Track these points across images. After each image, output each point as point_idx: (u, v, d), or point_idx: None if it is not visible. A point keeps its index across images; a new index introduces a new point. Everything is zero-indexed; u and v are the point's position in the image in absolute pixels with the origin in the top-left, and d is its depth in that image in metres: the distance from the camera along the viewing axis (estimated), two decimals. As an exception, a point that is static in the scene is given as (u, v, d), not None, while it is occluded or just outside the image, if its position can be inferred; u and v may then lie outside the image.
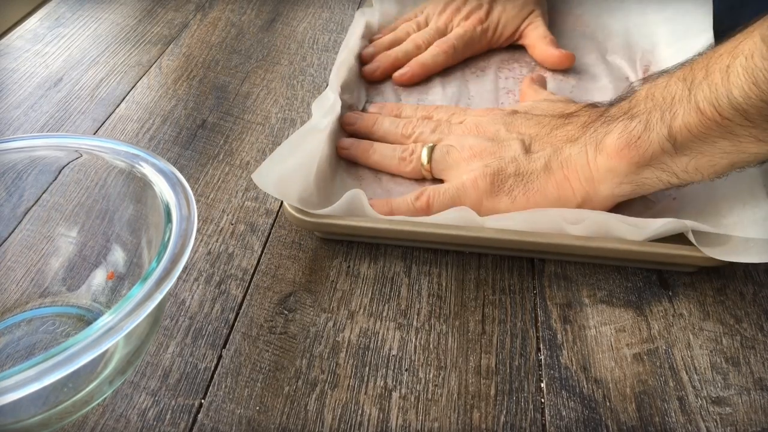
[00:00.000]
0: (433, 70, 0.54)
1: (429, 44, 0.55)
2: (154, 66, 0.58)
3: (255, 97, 0.54)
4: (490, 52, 0.58)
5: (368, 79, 0.54)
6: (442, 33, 0.56)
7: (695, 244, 0.36)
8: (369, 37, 0.58)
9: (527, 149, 0.41)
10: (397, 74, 0.53)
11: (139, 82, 0.56)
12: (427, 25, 0.58)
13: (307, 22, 0.64)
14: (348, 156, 0.45)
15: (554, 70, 0.55)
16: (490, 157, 0.41)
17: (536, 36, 0.56)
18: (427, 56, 0.54)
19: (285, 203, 0.39)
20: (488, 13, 0.57)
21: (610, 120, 0.38)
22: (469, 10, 0.57)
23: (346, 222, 0.39)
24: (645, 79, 0.39)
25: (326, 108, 0.46)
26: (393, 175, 0.45)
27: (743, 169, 0.35)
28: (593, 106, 0.42)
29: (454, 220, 0.38)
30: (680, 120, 0.34)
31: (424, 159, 0.43)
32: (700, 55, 0.35)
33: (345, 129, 0.47)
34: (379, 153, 0.45)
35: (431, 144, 0.43)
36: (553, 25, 0.60)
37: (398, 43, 0.56)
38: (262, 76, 0.57)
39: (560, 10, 0.62)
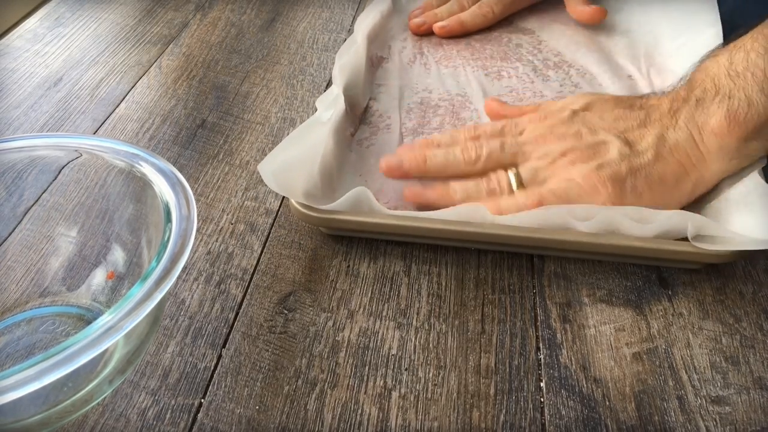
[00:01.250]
0: (470, 29, 0.59)
1: (474, 3, 0.59)
2: (154, 66, 0.58)
3: (255, 96, 0.54)
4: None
5: (414, 32, 0.59)
6: None
7: (690, 240, 0.37)
8: (374, 36, 0.58)
9: (629, 144, 0.40)
10: (437, 25, 0.58)
11: (139, 81, 0.56)
12: None
13: (307, 22, 0.64)
14: (423, 202, 0.41)
15: (587, 27, 0.59)
16: (591, 159, 0.40)
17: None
18: (467, 15, 0.58)
19: (290, 198, 0.39)
20: None
21: (703, 103, 0.40)
22: None
23: (354, 218, 0.39)
24: (708, 56, 0.41)
25: (329, 102, 0.46)
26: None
27: None
28: (651, 94, 0.44)
29: (464, 214, 0.38)
30: None
31: (514, 184, 0.40)
32: (764, 25, 0.38)
33: (389, 176, 0.43)
34: (462, 191, 0.41)
35: (513, 169, 0.41)
36: (554, 23, 0.60)
37: (445, 2, 0.61)
38: (261, 76, 0.57)
39: (563, 10, 0.62)
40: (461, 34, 0.59)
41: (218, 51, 0.60)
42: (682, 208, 0.39)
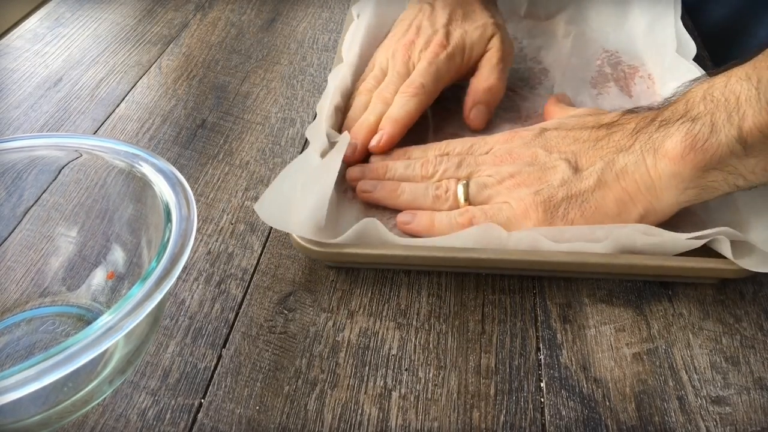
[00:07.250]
0: (410, 122, 0.45)
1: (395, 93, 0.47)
2: (154, 66, 0.58)
3: (255, 96, 0.54)
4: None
5: (350, 163, 0.44)
6: (407, 75, 0.47)
7: (730, 257, 0.35)
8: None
9: (575, 168, 0.38)
10: (372, 144, 0.44)
11: (139, 82, 0.56)
12: (385, 75, 0.49)
13: (307, 22, 0.64)
14: (371, 199, 0.41)
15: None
16: (536, 183, 0.39)
17: (479, 76, 0.48)
18: (396, 109, 0.45)
19: (293, 234, 0.37)
20: (448, 36, 0.48)
21: (666, 124, 0.36)
22: (427, 38, 0.48)
23: (362, 251, 0.37)
24: (696, 81, 0.38)
25: (325, 142, 0.43)
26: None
27: None
28: (632, 111, 0.40)
29: (477, 236, 0.37)
30: (750, 121, 0.33)
31: (461, 195, 0.40)
32: (760, 53, 0.34)
33: (352, 185, 0.43)
34: (409, 192, 0.41)
35: (464, 180, 0.40)
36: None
37: (366, 106, 0.47)
38: (261, 76, 0.57)
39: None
40: (404, 133, 0.45)
41: (218, 51, 0.60)
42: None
